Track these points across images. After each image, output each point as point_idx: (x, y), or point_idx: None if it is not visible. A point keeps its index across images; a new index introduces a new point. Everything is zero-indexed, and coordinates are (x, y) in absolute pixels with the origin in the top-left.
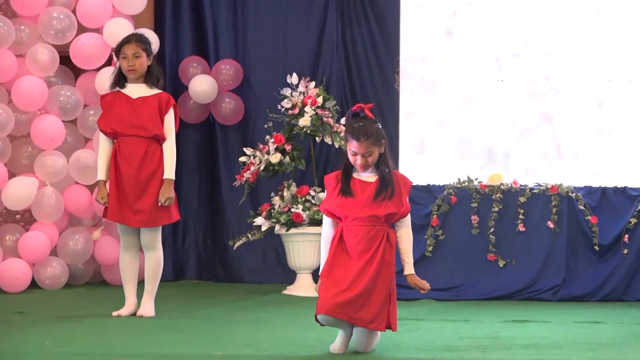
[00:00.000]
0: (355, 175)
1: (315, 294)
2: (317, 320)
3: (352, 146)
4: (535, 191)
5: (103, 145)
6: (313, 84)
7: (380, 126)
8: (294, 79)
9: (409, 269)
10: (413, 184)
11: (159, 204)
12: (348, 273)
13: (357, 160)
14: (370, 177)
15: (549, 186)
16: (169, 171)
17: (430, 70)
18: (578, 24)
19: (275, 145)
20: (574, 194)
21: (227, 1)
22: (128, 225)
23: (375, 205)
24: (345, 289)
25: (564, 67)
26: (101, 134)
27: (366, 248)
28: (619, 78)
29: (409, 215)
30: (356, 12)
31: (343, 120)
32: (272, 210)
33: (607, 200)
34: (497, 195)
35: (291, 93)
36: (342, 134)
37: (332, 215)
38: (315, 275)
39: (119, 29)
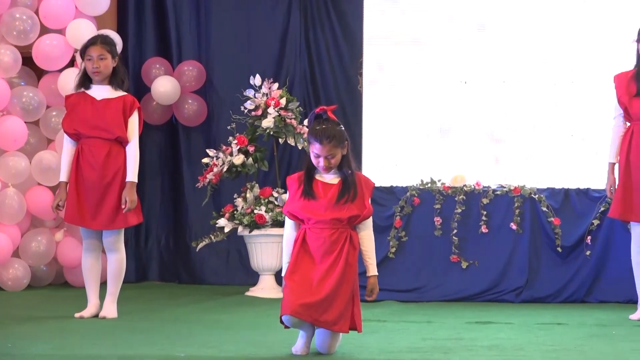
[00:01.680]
0: (317, 177)
1: (279, 295)
2: (281, 321)
3: (315, 148)
4: (498, 193)
5: (66, 147)
6: (276, 85)
7: (343, 128)
8: (257, 80)
9: (373, 270)
10: (376, 185)
11: (122, 208)
12: (312, 275)
13: (320, 163)
14: (332, 179)
15: (512, 188)
16: (132, 174)
17: (394, 70)
18: (541, 27)
19: (238, 147)
20: (537, 196)
21: (190, 2)
22: (88, 228)
23: (337, 207)
24: (311, 292)
25: (527, 69)
26: (65, 135)
27: (329, 250)
28: (582, 80)
29: (371, 217)
30: (319, 13)
31: (307, 122)
32: (235, 212)
33: (569, 202)
34: (460, 197)
35: (254, 94)
36: (306, 136)
37: (295, 217)
38: (278, 276)
39: (82, 30)
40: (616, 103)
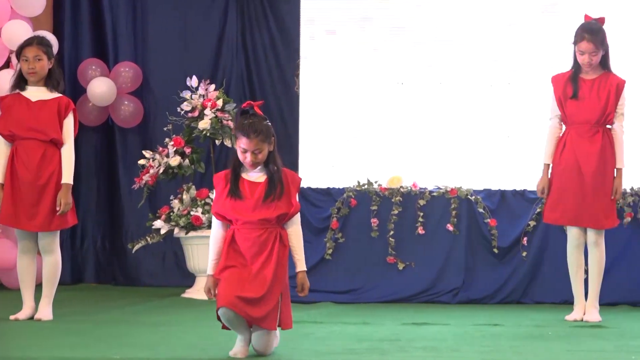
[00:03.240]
0: (244, 175)
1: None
2: (218, 318)
3: (242, 143)
4: (434, 194)
5: (1, 148)
6: (213, 86)
7: (270, 123)
8: (193, 81)
9: (301, 265)
10: (313, 186)
11: (57, 210)
12: (246, 275)
13: (246, 158)
14: (259, 177)
15: (449, 189)
16: (68, 176)
17: (331, 72)
18: (478, 28)
19: (175, 148)
20: (473, 197)
21: (127, 3)
22: (24, 229)
23: (265, 207)
24: (246, 289)
25: (464, 71)
26: (0, 137)
27: (259, 251)
28: (518, 81)
29: (298, 215)
30: (256, 14)
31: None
32: (171, 213)
33: (506, 203)
34: (397, 198)
35: (191, 96)
36: None
37: (223, 218)
38: None
39: (18, 31)
40: (553, 104)
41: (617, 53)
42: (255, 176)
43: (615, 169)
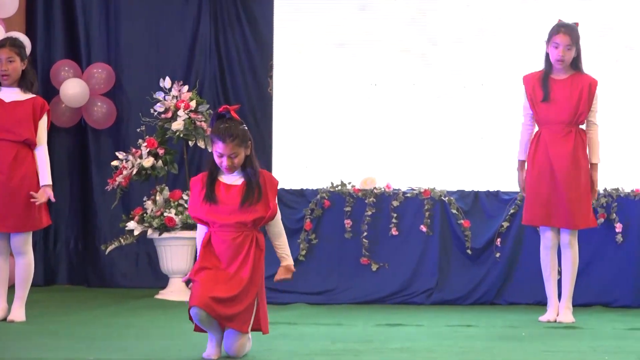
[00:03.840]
0: (220, 178)
1: (188, 298)
2: (190, 318)
3: (218, 147)
4: (408, 195)
5: None
6: (186, 87)
7: (246, 127)
8: (167, 82)
9: (289, 260)
10: (286, 187)
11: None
12: (221, 276)
13: (223, 162)
14: (236, 179)
15: (422, 190)
16: (47, 177)
17: (305, 73)
18: (451, 29)
19: (148, 149)
20: (447, 198)
21: (99, 4)
22: None
23: (242, 211)
24: (220, 289)
25: (437, 72)
26: None
27: (235, 254)
28: (492, 82)
29: (278, 214)
30: (229, 15)
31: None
32: (144, 215)
33: (479, 204)
34: (370, 199)
35: (164, 97)
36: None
37: (200, 221)
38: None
39: None
40: (525, 103)
41: (589, 56)
42: (232, 179)
43: (590, 165)
